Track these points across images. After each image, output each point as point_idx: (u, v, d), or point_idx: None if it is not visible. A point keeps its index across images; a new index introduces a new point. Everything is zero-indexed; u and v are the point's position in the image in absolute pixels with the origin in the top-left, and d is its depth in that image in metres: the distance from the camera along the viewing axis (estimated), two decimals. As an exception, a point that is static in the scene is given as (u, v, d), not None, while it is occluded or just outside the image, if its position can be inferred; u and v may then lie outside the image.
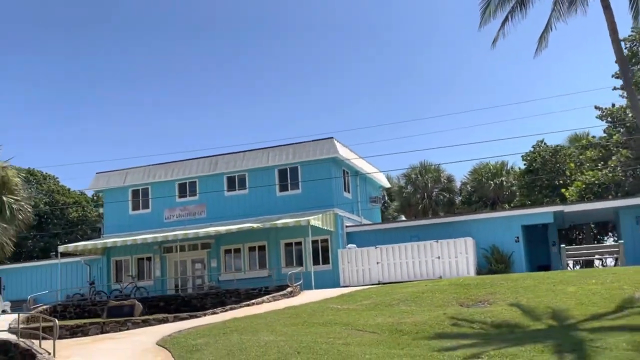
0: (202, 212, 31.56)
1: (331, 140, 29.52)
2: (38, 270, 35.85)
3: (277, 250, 29.91)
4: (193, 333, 17.17)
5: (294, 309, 19.43)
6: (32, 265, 36.09)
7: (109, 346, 16.94)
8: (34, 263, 36.36)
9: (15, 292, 34.56)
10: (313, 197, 29.24)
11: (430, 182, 46.73)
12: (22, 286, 35.70)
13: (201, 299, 26.78)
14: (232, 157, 31.21)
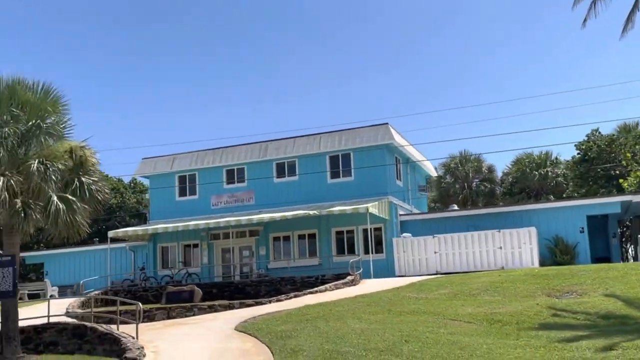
0: (250, 198, 31.00)
1: (386, 126, 28.78)
2: (80, 255, 35.58)
3: (328, 238, 29.30)
4: (271, 319, 16.63)
5: (366, 298, 18.82)
6: (74, 251, 35.78)
7: (184, 331, 16.47)
8: (76, 249, 36.06)
9: (58, 278, 34.31)
10: (366, 185, 28.54)
11: (471, 172, 45.83)
12: (64, 272, 35.48)
13: (255, 286, 26.26)
14: (282, 143, 30.57)
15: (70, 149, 16.01)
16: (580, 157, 37.79)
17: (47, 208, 15.03)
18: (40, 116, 15.44)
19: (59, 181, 15.22)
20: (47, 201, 15.21)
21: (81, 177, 16.00)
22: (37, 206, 15.06)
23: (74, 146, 16.12)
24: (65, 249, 36.73)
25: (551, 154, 44.29)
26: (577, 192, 37.42)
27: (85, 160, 16.19)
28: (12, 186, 14.43)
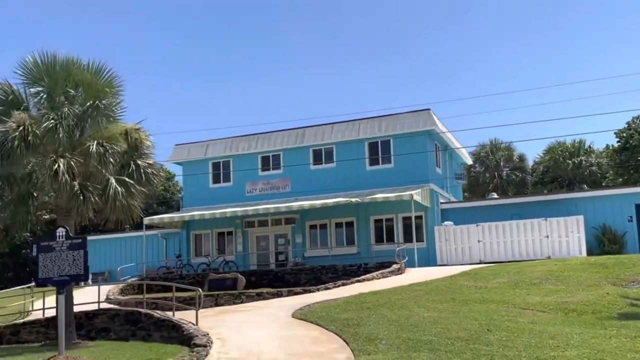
0: (286, 185, 30.55)
1: (428, 112, 28.16)
2: (110, 243, 35.35)
3: (367, 226, 28.81)
4: (329, 307, 16.20)
5: (422, 286, 18.32)
6: (103, 238, 35.56)
7: (240, 318, 16.07)
8: (106, 236, 35.86)
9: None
10: (406, 172, 27.98)
11: (501, 161, 45.14)
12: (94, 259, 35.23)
13: (295, 274, 25.87)
14: (320, 129, 30.05)
15: (125, 131, 15.63)
16: (621, 145, 36.97)
17: (106, 191, 14.68)
18: (96, 96, 15.04)
19: (117, 164, 14.83)
20: (105, 184, 14.86)
21: (136, 160, 15.63)
22: (94, 189, 14.72)
23: (129, 128, 15.74)
24: (95, 236, 36.56)
25: (585, 143, 43.52)
26: (617, 181, 36.62)
27: (140, 143, 15.82)
28: (72, 168, 14.05)
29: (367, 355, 10.78)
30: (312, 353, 11.65)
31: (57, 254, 11.60)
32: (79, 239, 11.73)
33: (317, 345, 12.30)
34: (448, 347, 10.77)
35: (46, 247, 11.67)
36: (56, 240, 11.64)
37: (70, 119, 14.41)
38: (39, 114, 14.44)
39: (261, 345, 12.56)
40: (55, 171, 13.68)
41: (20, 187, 15.37)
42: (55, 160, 13.87)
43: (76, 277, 11.59)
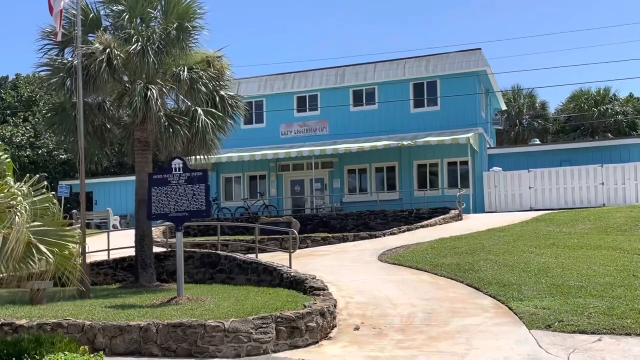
0: (323, 128, 29.34)
1: (479, 51, 26.93)
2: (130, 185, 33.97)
3: (410, 171, 27.89)
4: (417, 252, 15.42)
5: (504, 232, 17.57)
6: (123, 180, 34.19)
7: (328, 262, 15.23)
8: (126, 178, 34.49)
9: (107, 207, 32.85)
10: (453, 115, 26.92)
11: (524, 108, 44.29)
12: (114, 201, 34.03)
13: (341, 220, 25.04)
14: (362, 68, 28.65)
15: (208, 60, 14.23)
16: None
17: (196, 123, 13.41)
18: (181, 18, 13.54)
19: (208, 94, 13.52)
20: (192, 116, 13.59)
21: (220, 90, 14.32)
22: (182, 121, 13.45)
23: (211, 56, 14.33)
24: (115, 178, 35.23)
25: (610, 91, 42.74)
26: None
27: (223, 73, 14.46)
28: (165, 95, 12.74)
29: (520, 302, 10.02)
30: (447, 298, 10.87)
31: (174, 188, 10.45)
32: (200, 172, 10.58)
33: (443, 291, 11.52)
34: (607, 292, 10.04)
35: (161, 180, 10.51)
36: (172, 174, 10.48)
37: (158, 42, 12.95)
38: (123, 35, 12.96)
39: (383, 290, 11.75)
40: (147, 99, 12.35)
41: (96, 118, 14.05)
42: (146, 87, 12.52)
43: (197, 213, 10.49)
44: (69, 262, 6.21)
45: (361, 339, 8.64)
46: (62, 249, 6.11)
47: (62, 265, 6.16)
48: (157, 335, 8.13)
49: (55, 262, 6.01)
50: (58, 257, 6.06)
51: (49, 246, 5.97)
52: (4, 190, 5.65)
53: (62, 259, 6.10)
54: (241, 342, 7.91)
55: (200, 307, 9.58)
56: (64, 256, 6.11)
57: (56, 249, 6.02)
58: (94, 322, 8.57)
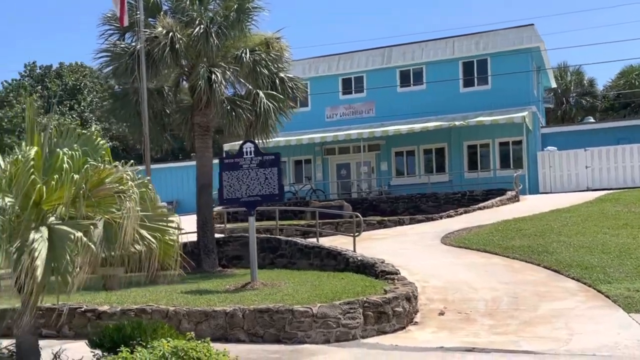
0: (369, 110, 28.88)
1: (531, 27, 26.04)
2: (176, 171, 34.26)
3: (460, 152, 27.29)
4: (481, 234, 15.00)
5: (567, 212, 16.93)
6: (169, 167, 34.45)
7: (389, 246, 14.95)
8: (172, 164, 34.76)
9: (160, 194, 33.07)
10: (505, 94, 26.09)
11: (571, 85, 42.98)
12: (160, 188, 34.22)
13: (391, 202, 24.65)
14: (408, 48, 28.04)
15: (266, 41, 13.97)
16: None
17: (255, 107, 13.20)
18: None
19: (269, 76, 13.28)
20: (253, 99, 13.38)
21: (279, 72, 14.06)
22: (244, 104, 13.25)
23: (269, 38, 14.07)
24: (161, 164, 35.44)
25: (663, 66, 41.13)
26: None
27: (282, 54, 14.19)
28: (229, 79, 12.57)
29: (608, 285, 9.59)
30: (527, 281, 10.50)
31: (245, 172, 10.29)
32: (272, 155, 10.39)
33: (520, 274, 11.15)
34: None
35: (232, 164, 10.35)
36: (243, 157, 10.30)
37: (219, 24, 12.74)
38: (185, 18, 12.79)
39: (456, 274, 11.44)
40: (211, 82, 12.18)
41: (155, 103, 13.96)
42: (209, 70, 12.34)
43: (269, 197, 10.32)
44: (172, 248, 6.06)
45: (449, 324, 8.36)
46: (163, 234, 5.96)
47: (164, 251, 6.02)
48: (244, 320, 8.00)
49: (159, 248, 5.87)
50: (161, 243, 5.92)
51: (151, 232, 5.83)
52: (110, 174, 5.50)
53: (164, 245, 5.96)
54: (330, 328, 7.72)
55: (278, 292, 9.42)
56: (164, 242, 5.96)
57: (158, 234, 5.87)
58: (178, 308, 8.50)
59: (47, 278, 4.88)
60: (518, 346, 7.06)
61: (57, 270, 4.96)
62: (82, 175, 5.31)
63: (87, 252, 4.99)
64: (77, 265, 4.92)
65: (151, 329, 5.99)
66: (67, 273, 4.89)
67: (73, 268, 4.87)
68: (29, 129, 5.82)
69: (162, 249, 6.00)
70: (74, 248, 4.88)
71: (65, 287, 4.95)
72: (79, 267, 4.93)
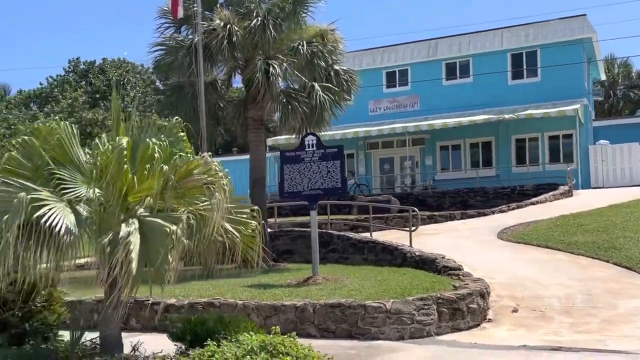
0: (414, 103, 28.49)
1: (584, 17, 25.29)
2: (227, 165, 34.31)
3: (507, 146, 26.70)
4: (539, 230, 14.60)
5: (625, 208, 16.37)
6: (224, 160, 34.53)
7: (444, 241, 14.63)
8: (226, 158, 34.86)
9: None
10: (555, 86, 25.37)
11: (619, 78, 41.73)
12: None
13: (438, 197, 24.27)
14: (455, 40, 27.52)
15: (321, 33, 13.81)
16: None
17: (313, 100, 13.07)
18: (298, -10, 13.16)
19: (326, 68, 13.14)
20: (309, 91, 13.25)
21: (334, 65, 13.90)
22: (300, 97, 13.14)
23: (324, 29, 13.90)
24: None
25: None
26: None
27: (336, 46, 14.02)
28: (285, 70, 12.47)
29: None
30: (597, 278, 10.13)
31: (307, 165, 10.17)
32: (334, 148, 10.24)
33: (588, 270, 10.77)
34: None
35: (293, 157, 10.24)
36: (305, 150, 10.18)
37: (275, 16, 12.63)
38: (242, 10, 12.71)
39: (519, 270, 11.10)
40: (269, 75, 12.09)
41: (211, 97, 13.95)
42: (266, 62, 12.25)
43: (332, 190, 10.19)
44: (253, 240, 5.97)
45: (524, 321, 8.10)
46: (245, 226, 5.87)
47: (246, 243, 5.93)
48: (314, 315, 7.89)
49: (243, 240, 5.78)
50: (243, 236, 5.83)
51: (234, 224, 5.74)
52: (199, 165, 5.41)
53: (245, 236, 5.87)
54: (404, 324, 7.54)
55: (342, 286, 9.28)
56: (245, 234, 5.87)
57: (242, 227, 5.78)
58: (247, 301, 8.44)
59: (140, 271, 4.83)
60: (605, 345, 6.77)
61: (151, 263, 4.90)
62: (172, 166, 5.24)
63: (180, 246, 4.92)
64: (173, 258, 4.84)
65: (234, 323, 5.91)
66: (163, 267, 4.82)
67: (169, 262, 4.80)
68: (114, 120, 5.79)
69: (245, 240, 5.92)
70: (169, 241, 4.81)
71: (160, 281, 4.90)
72: (174, 261, 4.86)
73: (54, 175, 5.42)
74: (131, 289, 4.78)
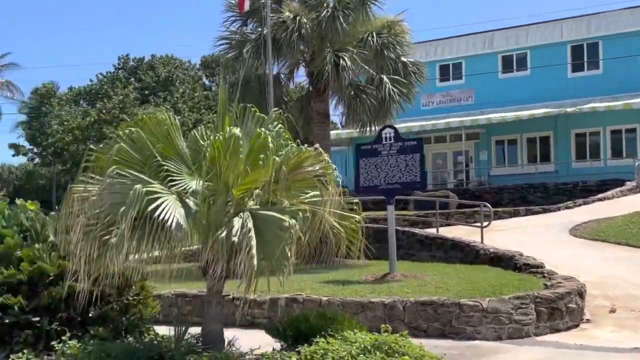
0: (468, 97, 27.90)
1: (648, 7, 24.35)
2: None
3: (567, 141, 25.88)
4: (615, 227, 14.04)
5: None
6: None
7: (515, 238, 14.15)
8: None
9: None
10: (618, 78, 24.45)
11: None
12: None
13: (495, 193, 23.64)
14: (512, 32, 26.84)
15: (388, 24, 13.51)
16: None
17: (382, 92, 12.81)
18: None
19: (392, 60, 12.85)
20: (377, 84, 12.99)
21: (401, 57, 13.59)
22: (368, 89, 12.89)
23: (391, 21, 13.61)
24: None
25: None
26: None
27: (403, 38, 13.70)
28: (356, 61, 12.23)
29: None
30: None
31: (384, 158, 9.93)
32: (413, 141, 9.99)
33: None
34: None
35: (369, 151, 10.02)
36: (382, 143, 9.93)
37: (344, 7, 12.40)
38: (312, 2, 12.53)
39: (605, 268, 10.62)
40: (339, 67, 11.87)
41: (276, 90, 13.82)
42: (335, 54, 12.04)
43: (410, 184, 9.96)
44: (355, 234, 5.77)
45: (626, 322, 7.69)
46: (350, 220, 5.67)
47: (349, 237, 5.74)
48: (404, 312, 7.64)
49: (347, 234, 5.59)
50: (347, 229, 5.63)
51: (338, 218, 5.54)
52: (310, 157, 5.23)
53: (350, 230, 5.67)
54: (501, 324, 7.22)
55: (424, 284, 9.00)
56: (348, 227, 5.67)
57: (346, 221, 5.59)
58: (331, 298, 8.26)
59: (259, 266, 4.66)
60: None
61: (267, 257, 4.73)
62: (284, 157, 5.06)
63: (296, 240, 4.74)
64: (291, 253, 4.67)
65: (337, 320, 5.71)
66: (282, 261, 4.65)
67: (288, 256, 4.63)
68: (220, 111, 5.66)
69: (349, 234, 5.72)
70: (288, 235, 4.63)
71: (280, 275, 4.75)
72: (292, 255, 4.69)
73: (161, 167, 5.31)
74: (250, 284, 4.63)
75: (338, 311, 6.64)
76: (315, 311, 6.06)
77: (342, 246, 5.65)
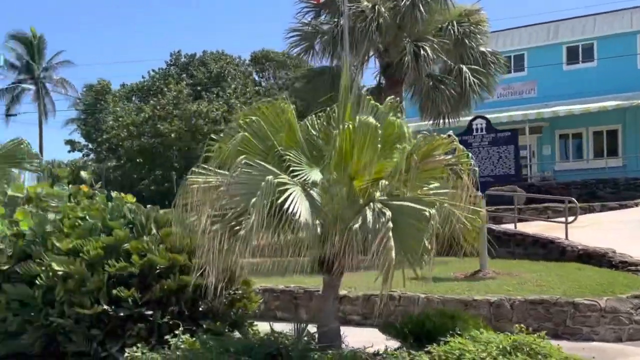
0: (530, 90, 27.07)
1: None
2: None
3: (636, 134, 24.81)
4: None
5: None
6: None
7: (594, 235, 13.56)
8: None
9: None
10: (693, 68, 23.43)
11: None
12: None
13: (562, 189, 22.73)
14: (578, 22, 25.89)
15: (465, 13, 13.09)
16: None
17: (462, 83, 12.40)
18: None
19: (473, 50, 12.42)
20: (455, 74, 12.59)
21: (479, 46, 13.14)
22: (447, 80, 12.50)
23: (469, 10, 13.18)
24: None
25: None
26: None
27: (483, 27, 13.25)
28: (436, 51, 11.88)
29: None
30: None
31: (475, 150, 9.57)
32: (508, 132, 9.62)
33: None
34: None
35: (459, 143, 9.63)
36: (473, 134, 9.57)
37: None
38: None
39: None
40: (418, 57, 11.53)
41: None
42: (414, 44, 11.70)
43: (504, 177, 9.62)
44: (475, 230, 5.47)
45: None
46: (476, 214, 5.36)
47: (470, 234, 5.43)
48: (512, 311, 7.29)
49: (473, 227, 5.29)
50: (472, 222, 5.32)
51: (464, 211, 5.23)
52: (442, 145, 4.96)
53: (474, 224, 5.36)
54: (621, 324, 6.80)
55: (523, 282, 8.59)
56: (476, 221, 5.37)
57: (474, 215, 5.28)
58: (430, 295, 7.97)
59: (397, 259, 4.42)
60: None
61: (405, 250, 4.49)
62: (416, 145, 4.80)
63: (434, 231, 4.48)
64: (431, 245, 4.41)
65: (460, 319, 5.41)
66: (420, 254, 4.39)
67: (428, 249, 4.37)
68: (342, 100, 5.46)
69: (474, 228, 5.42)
70: (427, 227, 4.37)
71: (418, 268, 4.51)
72: (432, 247, 4.43)
73: (283, 158, 5.12)
74: (388, 277, 4.40)
75: (459, 310, 6.33)
76: (435, 310, 5.77)
77: (468, 241, 5.32)
